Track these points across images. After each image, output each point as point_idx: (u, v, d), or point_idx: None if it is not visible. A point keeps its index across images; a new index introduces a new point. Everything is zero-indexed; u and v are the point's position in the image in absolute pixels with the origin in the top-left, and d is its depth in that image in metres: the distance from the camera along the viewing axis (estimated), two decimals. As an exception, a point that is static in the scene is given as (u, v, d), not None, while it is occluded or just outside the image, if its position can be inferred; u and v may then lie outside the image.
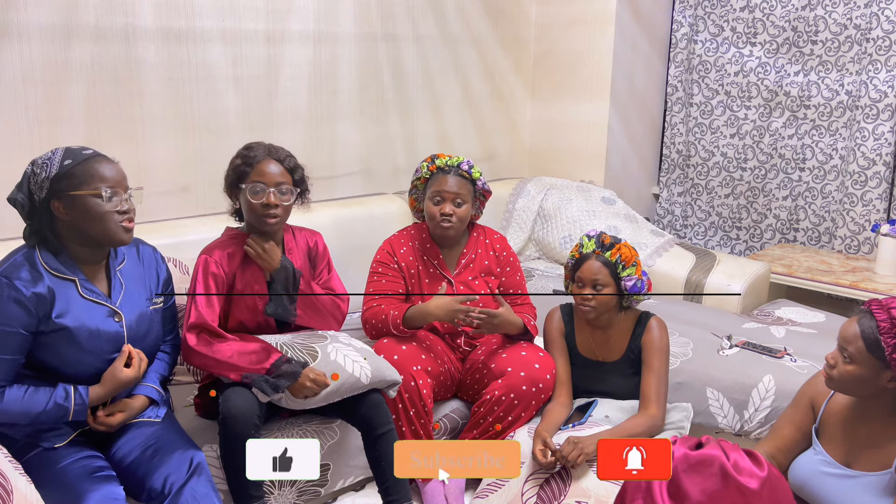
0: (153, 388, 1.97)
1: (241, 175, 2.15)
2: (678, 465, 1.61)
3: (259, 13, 2.97)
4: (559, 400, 2.33)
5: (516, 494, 2.15)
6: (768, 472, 1.59)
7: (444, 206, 2.46)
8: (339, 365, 2.10)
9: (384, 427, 2.14)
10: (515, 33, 3.99)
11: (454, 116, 3.79)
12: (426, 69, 3.61)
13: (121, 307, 1.88)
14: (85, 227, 1.80)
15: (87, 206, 1.78)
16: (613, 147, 3.94)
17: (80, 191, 1.77)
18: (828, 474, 1.76)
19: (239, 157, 2.17)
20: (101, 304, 1.84)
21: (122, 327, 1.87)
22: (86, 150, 1.83)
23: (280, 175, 2.15)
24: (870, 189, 3.52)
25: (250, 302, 2.20)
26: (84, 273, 1.84)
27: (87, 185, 1.77)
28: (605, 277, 2.27)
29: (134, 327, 1.89)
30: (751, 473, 1.58)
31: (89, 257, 1.86)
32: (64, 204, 1.77)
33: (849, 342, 1.69)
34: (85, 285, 1.83)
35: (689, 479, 1.60)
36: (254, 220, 2.16)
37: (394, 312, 2.39)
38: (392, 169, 3.56)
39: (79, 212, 1.78)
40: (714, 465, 1.59)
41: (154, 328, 1.98)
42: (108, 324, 1.84)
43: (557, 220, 3.61)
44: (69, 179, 1.77)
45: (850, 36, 3.56)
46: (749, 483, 1.56)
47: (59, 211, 1.78)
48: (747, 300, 3.20)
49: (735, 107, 3.95)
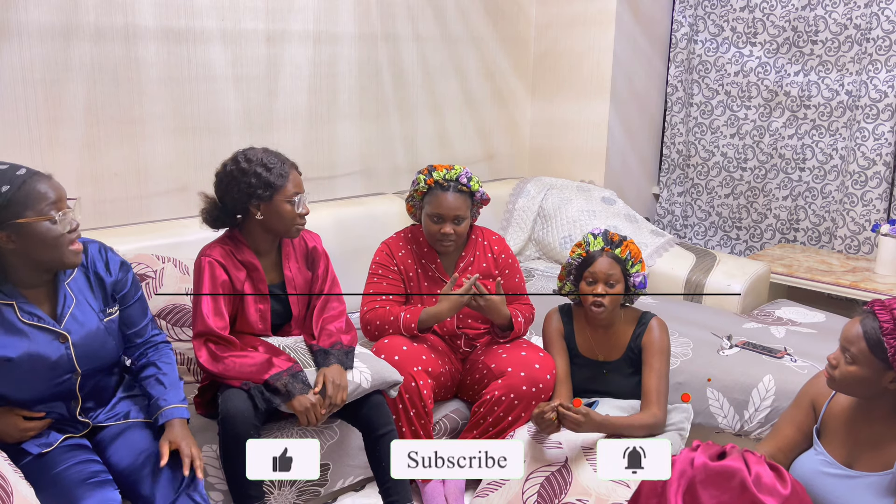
0: (181, 407, 1.87)
1: (277, 187, 2.10)
2: (697, 474, 1.59)
3: (259, 13, 2.97)
4: (559, 400, 2.32)
5: (517, 493, 2.15)
6: (791, 489, 1.56)
7: (443, 226, 2.45)
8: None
9: (385, 428, 2.14)
10: (515, 33, 3.99)
11: (454, 116, 3.78)
12: (426, 69, 3.60)
13: (67, 327, 1.76)
14: (36, 255, 1.67)
15: (37, 232, 1.64)
16: (613, 147, 3.94)
17: (26, 218, 1.62)
18: (829, 475, 1.76)
19: (268, 170, 2.10)
20: (43, 327, 1.73)
21: (68, 349, 1.75)
22: (19, 171, 1.66)
23: (302, 183, 2.19)
24: (870, 189, 3.52)
25: (255, 307, 2.20)
26: (25, 296, 1.72)
27: (34, 210, 1.63)
28: (617, 274, 2.27)
29: (82, 347, 1.78)
30: (772, 491, 1.55)
31: (35, 280, 1.73)
32: (9, 233, 1.63)
33: (851, 343, 1.69)
34: (25, 308, 1.71)
35: (705, 490, 1.57)
36: (285, 230, 2.16)
37: (407, 315, 2.39)
38: (392, 169, 3.56)
39: (29, 240, 1.64)
40: (735, 479, 1.56)
41: (109, 342, 1.85)
42: (52, 348, 1.73)
43: (557, 220, 3.61)
44: (12, 207, 1.61)
45: (850, 36, 3.56)
46: (769, 501, 1.53)
47: (4, 241, 1.64)
48: (747, 300, 3.20)
49: (735, 107, 3.95)
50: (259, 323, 2.20)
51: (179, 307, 2.40)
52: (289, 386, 2.01)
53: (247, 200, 2.11)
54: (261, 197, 2.10)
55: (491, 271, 2.58)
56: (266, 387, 2.01)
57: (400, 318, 2.40)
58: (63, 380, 1.78)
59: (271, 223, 2.15)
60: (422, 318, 2.39)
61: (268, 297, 2.22)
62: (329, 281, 2.31)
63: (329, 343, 2.18)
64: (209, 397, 2.18)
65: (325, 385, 2.05)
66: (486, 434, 2.37)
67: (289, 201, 2.12)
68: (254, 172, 2.09)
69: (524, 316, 2.52)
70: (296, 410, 2.02)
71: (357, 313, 2.52)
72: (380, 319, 2.43)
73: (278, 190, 2.10)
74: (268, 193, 2.10)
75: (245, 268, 2.17)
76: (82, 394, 1.84)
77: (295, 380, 2.03)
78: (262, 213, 2.13)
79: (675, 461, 1.65)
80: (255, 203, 2.12)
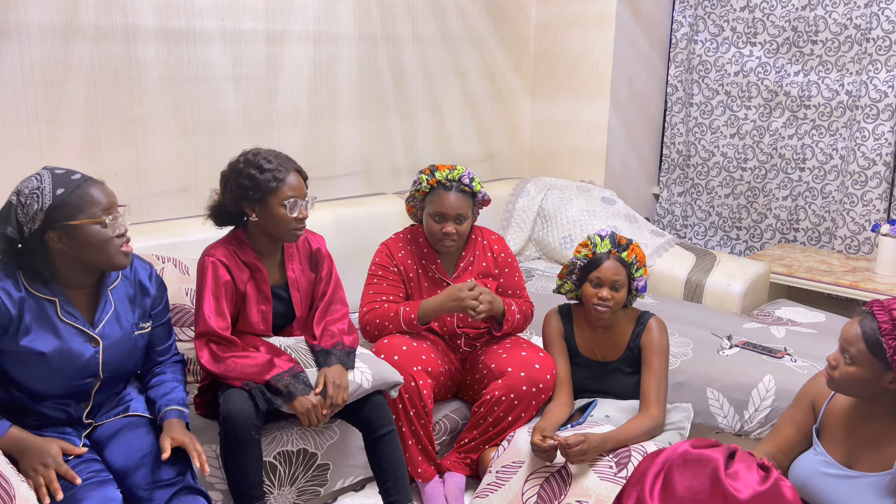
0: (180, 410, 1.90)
1: (270, 190, 2.08)
2: (675, 459, 1.62)
3: (259, 13, 2.97)
4: (559, 400, 2.33)
5: (516, 494, 2.15)
6: (769, 488, 1.56)
7: (446, 226, 2.45)
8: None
9: (385, 428, 2.14)
10: (515, 33, 3.99)
11: (454, 116, 3.78)
12: (426, 69, 3.61)
13: (102, 332, 1.80)
14: (85, 256, 1.73)
15: (88, 235, 1.70)
16: (613, 147, 3.94)
17: (78, 220, 1.69)
18: (828, 475, 1.76)
19: (263, 171, 2.08)
20: (79, 328, 1.77)
21: (97, 353, 1.79)
22: (73, 175, 1.73)
23: (303, 186, 2.15)
24: (870, 189, 3.52)
25: (257, 308, 2.20)
26: (67, 295, 1.77)
27: (86, 214, 1.70)
28: (623, 278, 2.26)
29: (110, 354, 1.82)
30: (747, 484, 1.56)
31: (81, 281, 1.79)
32: (61, 234, 1.69)
33: (850, 343, 1.69)
34: (65, 307, 1.75)
35: (680, 474, 1.60)
36: (281, 234, 2.14)
37: (406, 309, 2.40)
38: (392, 169, 3.56)
39: (79, 242, 1.71)
40: (707, 466, 1.59)
41: (135, 354, 1.90)
42: (83, 350, 1.77)
43: (557, 220, 3.61)
44: (65, 209, 1.68)
45: (850, 36, 3.56)
46: (739, 492, 1.55)
47: (55, 241, 1.70)
48: (747, 300, 3.20)
49: (735, 107, 3.95)
50: (261, 324, 2.20)
51: (179, 307, 2.40)
52: (290, 387, 2.01)
53: (239, 201, 2.12)
54: (252, 199, 2.09)
55: (491, 270, 2.59)
56: (267, 387, 2.01)
57: (400, 312, 2.40)
58: (84, 382, 1.81)
59: (266, 226, 2.13)
60: (421, 309, 2.39)
61: (270, 298, 2.21)
62: (333, 283, 2.31)
63: (331, 343, 2.18)
64: (209, 397, 2.18)
65: (326, 385, 2.05)
66: (485, 434, 2.37)
67: (282, 205, 2.09)
68: (247, 174, 2.08)
69: (521, 309, 2.52)
70: (297, 412, 2.02)
71: (357, 314, 2.52)
72: (379, 318, 2.43)
73: (271, 193, 2.08)
74: (258, 196, 2.08)
75: (248, 268, 2.17)
76: (95, 398, 1.86)
77: (296, 380, 2.03)
78: (258, 214, 2.12)
79: (664, 450, 1.69)
80: (249, 205, 2.11)
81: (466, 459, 2.41)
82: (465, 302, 2.34)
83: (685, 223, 4.25)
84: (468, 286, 2.36)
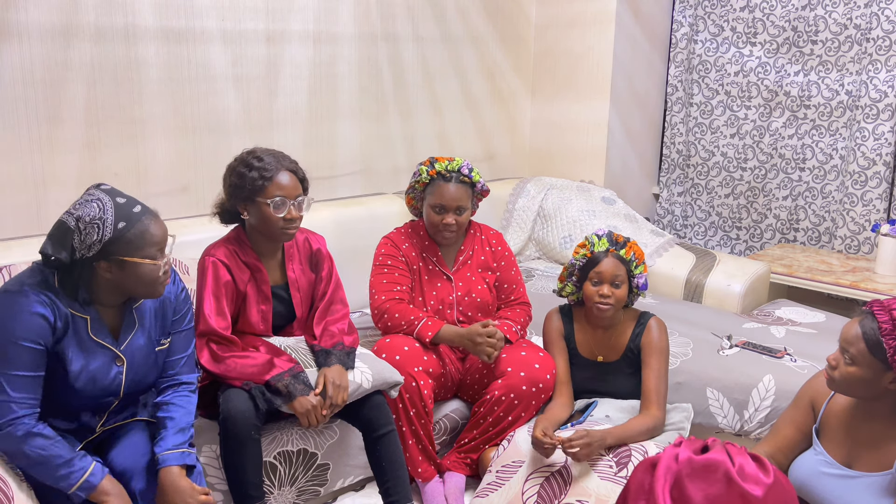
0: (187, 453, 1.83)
1: (258, 188, 2.07)
2: (682, 469, 1.60)
3: (259, 13, 2.97)
4: (560, 400, 2.33)
5: (517, 493, 2.15)
6: (774, 478, 1.57)
7: (446, 216, 2.47)
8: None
9: (385, 428, 2.15)
10: (515, 33, 3.99)
11: (454, 116, 3.78)
12: (426, 69, 3.60)
13: (126, 350, 1.79)
14: (128, 288, 1.73)
15: (140, 272, 1.69)
16: (613, 147, 3.94)
17: (134, 257, 1.67)
18: (828, 475, 1.76)
19: (252, 169, 2.08)
20: (107, 346, 1.76)
21: (121, 373, 1.78)
22: (135, 207, 1.70)
23: (296, 186, 2.12)
24: (870, 189, 3.52)
25: (257, 308, 2.20)
26: (98, 311, 1.75)
27: (142, 252, 1.68)
28: (623, 274, 2.27)
29: (132, 372, 1.81)
30: (756, 480, 1.56)
31: (112, 302, 1.77)
32: (111, 265, 1.68)
33: (850, 343, 1.69)
34: (95, 325, 1.74)
35: (692, 483, 1.58)
36: (271, 233, 2.13)
37: (428, 323, 2.39)
38: (392, 169, 3.56)
39: (128, 275, 1.69)
40: (719, 471, 1.58)
41: (153, 372, 1.88)
42: (108, 368, 1.77)
43: (557, 220, 3.61)
44: (123, 244, 1.66)
45: (850, 36, 3.56)
46: (753, 490, 1.55)
47: (104, 270, 1.69)
48: (747, 300, 3.20)
49: (735, 107, 3.95)
50: (261, 324, 2.20)
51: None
52: (290, 387, 2.01)
53: (233, 199, 2.13)
54: (239, 197, 2.10)
55: (489, 263, 2.61)
56: (267, 387, 2.01)
57: (417, 325, 2.39)
58: (105, 400, 1.80)
59: (257, 224, 2.14)
60: (439, 334, 2.38)
61: (270, 298, 2.21)
62: (333, 283, 2.31)
63: (331, 343, 2.18)
64: (209, 398, 2.18)
65: (326, 385, 2.05)
66: (486, 434, 2.38)
67: (269, 204, 2.07)
68: (238, 172, 2.10)
69: (518, 322, 2.53)
70: (297, 412, 2.02)
71: (358, 314, 2.52)
72: (399, 313, 2.42)
73: (258, 192, 2.07)
74: (246, 194, 2.09)
75: (248, 268, 2.17)
76: (111, 411, 1.85)
77: (296, 381, 2.03)
78: (249, 213, 2.13)
79: (659, 458, 1.66)
80: (241, 203, 2.12)
81: (466, 459, 2.42)
82: (480, 347, 2.34)
83: (685, 223, 4.25)
84: (488, 332, 2.35)
